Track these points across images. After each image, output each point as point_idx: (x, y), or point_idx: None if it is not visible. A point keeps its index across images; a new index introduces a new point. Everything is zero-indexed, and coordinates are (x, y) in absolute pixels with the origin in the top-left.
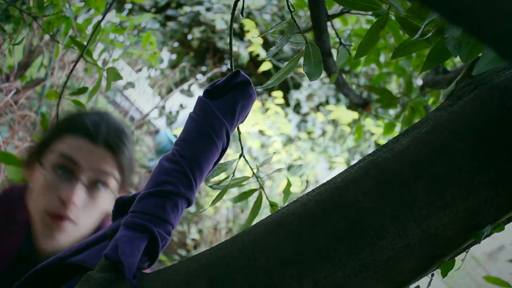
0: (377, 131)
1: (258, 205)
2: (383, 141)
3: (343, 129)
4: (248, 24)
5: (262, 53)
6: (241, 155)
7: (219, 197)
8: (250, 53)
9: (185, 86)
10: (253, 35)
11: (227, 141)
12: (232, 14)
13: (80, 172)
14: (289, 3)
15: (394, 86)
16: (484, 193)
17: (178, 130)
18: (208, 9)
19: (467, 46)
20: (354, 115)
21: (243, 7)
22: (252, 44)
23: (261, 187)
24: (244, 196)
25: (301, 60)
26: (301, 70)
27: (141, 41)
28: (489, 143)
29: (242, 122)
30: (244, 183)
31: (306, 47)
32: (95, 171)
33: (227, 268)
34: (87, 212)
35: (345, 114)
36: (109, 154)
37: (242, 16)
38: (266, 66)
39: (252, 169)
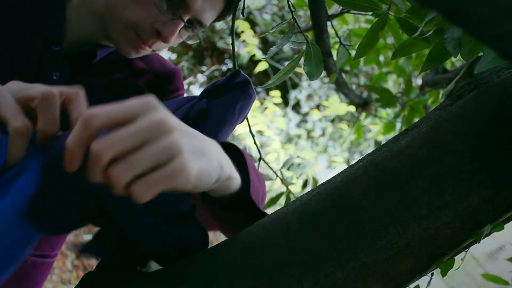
0: (374, 127)
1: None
2: (379, 137)
3: (341, 127)
4: (242, 25)
5: (258, 53)
6: (260, 158)
7: None
8: (249, 52)
9: (184, 85)
10: (249, 36)
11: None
12: (233, 14)
13: (185, 13)
14: (289, 2)
15: (391, 84)
16: (484, 193)
17: None
18: None
19: (468, 44)
20: (349, 108)
21: (243, 7)
22: (248, 45)
23: (288, 189)
24: (274, 200)
25: (301, 60)
26: (300, 70)
27: None
28: (489, 143)
29: (241, 122)
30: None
31: (307, 47)
32: (197, 20)
33: (226, 268)
34: (167, 45)
35: (340, 107)
36: (220, 6)
37: (243, 16)
38: (262, 66)
39: (275, 172)
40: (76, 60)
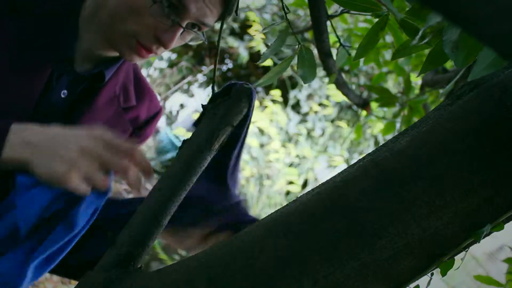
0: (373, 124)
1: None
2: (374, 131)
3: (341, 126)
4: (251, 16)
5: (263, 50)
6: None
7: None
8: (250, 48)
9: (184, 85)
10: (256, 29)
11: None
12: (224, 12)
13: (184, 17)
14: (284, 4)
15: (390, 84)
16: (484, 193)
17: (178, 129)
18: None
19: (463, 50)
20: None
21: (237, 7)
22: (253, 40)
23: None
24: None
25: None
26: None
27: None
28: (488, 143)
29: None
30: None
31: (300, 50)
32: (198, 21)
33: (226, 268)
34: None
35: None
36: (220, 6)
37: (236, 15)
38: (266, 63)
39: None
40: (85, 80)
